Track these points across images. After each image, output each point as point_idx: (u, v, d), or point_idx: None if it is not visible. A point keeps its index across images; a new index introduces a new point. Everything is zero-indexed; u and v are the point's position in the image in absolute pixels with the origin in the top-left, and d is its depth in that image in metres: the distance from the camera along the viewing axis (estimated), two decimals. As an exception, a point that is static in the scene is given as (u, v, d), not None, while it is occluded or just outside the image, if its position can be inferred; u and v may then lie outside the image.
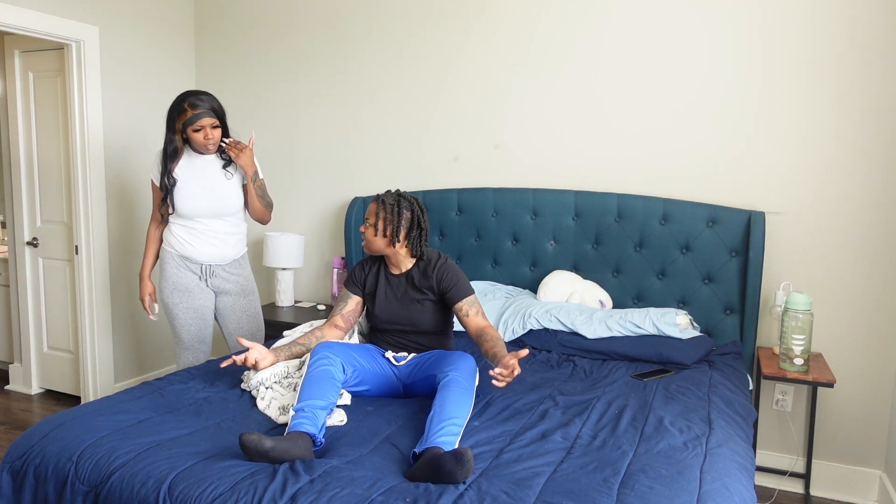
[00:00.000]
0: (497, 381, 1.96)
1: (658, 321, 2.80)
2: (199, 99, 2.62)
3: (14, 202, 3.93)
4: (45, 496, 1.77)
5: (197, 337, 2.83)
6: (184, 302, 2.79)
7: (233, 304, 2.89)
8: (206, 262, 2.79)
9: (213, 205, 2.72)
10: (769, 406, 3.02)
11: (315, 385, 1.99)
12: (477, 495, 1.56)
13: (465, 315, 2.31)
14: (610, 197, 3.12)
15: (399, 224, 2.31)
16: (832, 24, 2.78)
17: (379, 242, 2.34)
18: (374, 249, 2.37)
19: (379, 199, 2.34)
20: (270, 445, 1.69)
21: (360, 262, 2.50)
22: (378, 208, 2.33)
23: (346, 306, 2.45)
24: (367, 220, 2.35)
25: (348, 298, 2.46)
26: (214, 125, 2.65)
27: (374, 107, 3.65)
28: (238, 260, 2.88)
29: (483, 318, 2.31)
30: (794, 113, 2.87)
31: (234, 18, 3.97)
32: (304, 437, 1.78)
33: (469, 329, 2.30)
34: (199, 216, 2.72)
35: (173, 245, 2.77)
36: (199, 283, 2.81)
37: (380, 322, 2.41)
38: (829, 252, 2.87)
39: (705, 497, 1.58)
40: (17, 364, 4.10)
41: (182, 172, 2.71)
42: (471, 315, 2.30)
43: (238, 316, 2.91)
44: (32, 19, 3.21)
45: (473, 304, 2.33)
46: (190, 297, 2.79)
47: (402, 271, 2.41)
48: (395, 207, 2.31)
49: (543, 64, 3.27)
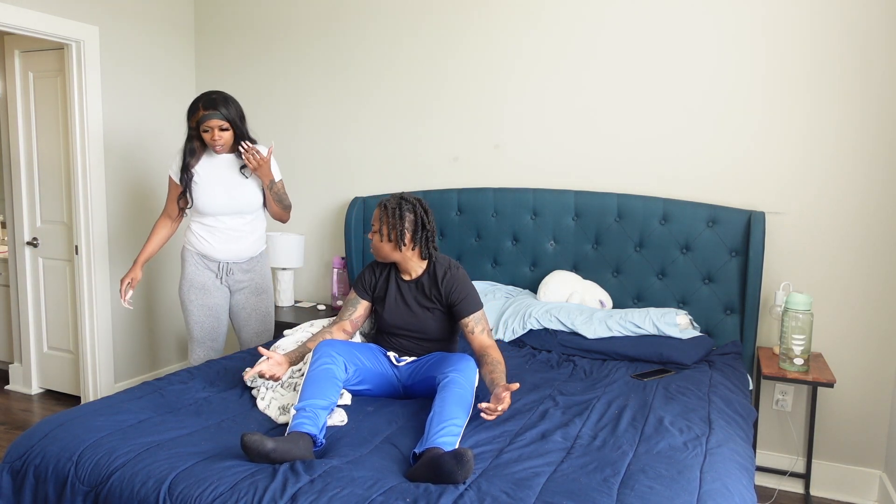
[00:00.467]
0: (486, 414, 1.93)
1: (658, 321, 2.80)
2: (211, 100, 2.66)
3: (14, 202, 3.93)
4: (45, 496, 1.77)
5: (209, 334, 2.88)
6: (199, 299, 2.84)
7: (245, 301, 2.93)
8: (224, 260, 2.84)
9: (230, 203, 2.76)
10: (769, 406, 3.02)
11: (316, 384, 1.99)
12: (477, 495, 1.56)
13: (470, 332, 2.28)
14: (610, 197, 3.12)
15: (403, 227, 2.28)
16: (832, 25, 2.78)
17: (386, 248, 2.32)
18: (383, 256, 2.34)
19: (381, 204, 2.33)
20: (272, 446, 1.69)
21: (370, 264, 2.48)
22: (381, 214, 2.31)
23: (356, 312, 2.44)
24: (373, 227, 2.34)
25: (357, 304, 2.44)
26: (223, 127, 2.68)
27: (375, 107, 3.65)
28: (255, 258, 2.93)
29: (488, 337, 2.28)
30: (794, 113, 2.87)
31: (234, 18, 3.97)
32: (304, 438, 1.78)
33: (472, 345, 2.28)
34: (216, 214, 2.78)
35: (193, 244, 2.84)
36: (215, 280, 2.86)
37: (388, 326, 2.40)
38: (829, 252, 2.87)
39: (705, 497, 1.58)
40: (17, 364, 4.10)
41: (202, 170, 2.77)
42: (476, 332, 2.27)
43: (248, 313, 2.94)
44: (32, 19, 3.21)
45: (480, 320, 2.29)
46: (205, 295, 2.85)
47: (412, 277, 2.38)
48: (397, 211, 2.28)
49: (543, 63, 3.27)
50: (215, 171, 2.77)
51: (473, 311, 2.30)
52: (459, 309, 2.30)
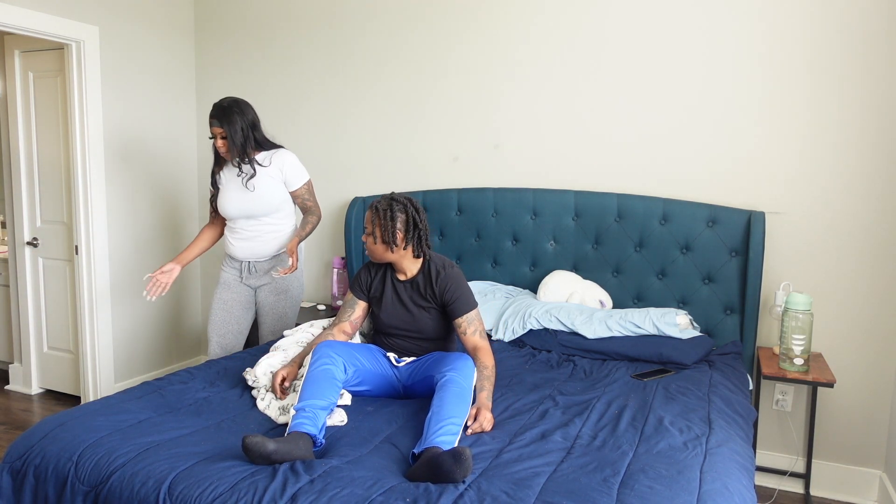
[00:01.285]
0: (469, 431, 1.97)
1: (658, 321, 2.80)
2: (216, 107, 2.77)
3: (14, 202, 3.93)
4: (45, 496, 1.77)
5: (218, 328, 2.95)
6: (218, 294, 2.97)
7: (264, 299, 2.98)
8: (244, 259, 2.92)
9: (242, 207, 2.84)
10: (769, 406, 3.02)
11: (316, 384, 1.99)
12: (477, 495, 1.56)
13: (462, 332, 2.30)
14: (610, 197, 3.12)
15: (395, 228, 2.27)
16: (832, 25, 2.78)
17: (379, 249, 2.31)
18: (378, 257, 2.34)
19: (372, 206, 2.32)
20: (273, 448, 1.69)
21: (365, 265, 2.49)
22: (373, 216, 2.30)
23: (354, 313, 2.44)
24: (365, 230, 2.34)
25: (355, 305, 2.45)
26: (223, 135, 2.76)
27: (375, 107, 3.65)
28: (279, 257, 2.96)
29: (480, 339, 2.29)
30: (794, 113, 2.87)
31: (234, 18, 3.97)
32: (304, 438, 1.79)
33: (465, 346, 2.30)
34: (232, 217, 2.88)
35: (224, 245, 3.01)
36: (236, 278, 2.96)
37: (385, 327, 2.40)
38: (829, 252, 2.87)
39: (705, 497, 1.58)
40: (17, 364, 4.10)
41: (223, 176, 2.90)
42: (468, 334, 2.29)
43: (265, 312, 2.98)
44: (32, 19, 3.21)
45: (473, 321, 2.30)
46: (224, 290, 2.97)
47: (408, 276, 2.38)
48: (388, 212, 2.27)
49: (544, 63, 3.27)
50: (231, 177, 2.87)
51: (466, 312, 2.30)
52: (452, 309, 2.30)
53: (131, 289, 3.87)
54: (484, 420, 1.98)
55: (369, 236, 2.32)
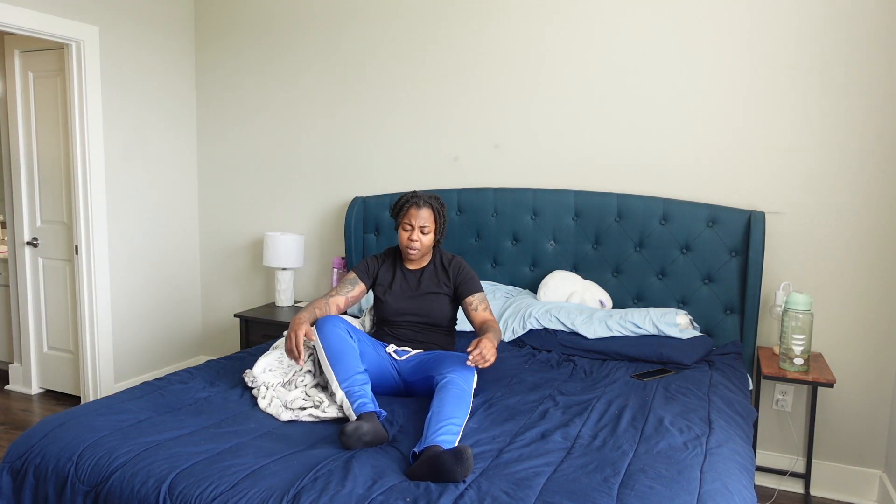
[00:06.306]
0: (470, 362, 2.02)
1: (658, 321, 2.80)
2: None
3: (14, 202, 3.93)
4: (45, 496, 1.77)
5: None
6: None
7: None
8: None
9: None
10: (769, 406, 3.02)
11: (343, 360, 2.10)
12: (477, 495, 1.56)
13: (473, 309, 2.41)
14: (610, 197, 3.12)
15: (445, 224, 2.50)
16: (832, 24, 2.78)
17: (429, 242, 2.46)
18: (425, 250, 2.47)
19: (427, 205, 2.44)
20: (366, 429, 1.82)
21: (371, 256, 2.60)
22: (433, 214, 2.46)
23: (352, 291, 2.50)
24: (423, 229, 2.43)
25: (356, 284, 2.51)
26: None
27: (375, 106, 3.65)
28: None
29: (489, 314, 2.41)
30: (794, 113, 2.87)
31: (234, 19, 3.97)
32: (373, 417, 1.91)
33: (474, 322, 2.40)
34: None
35: None
36: None
37: (392, 314, 2.47)
38: (829, 252, 2.87)
39: (705, 497, 1.58)
40: (17, 364, 4.10)
41: None
42: (479, 310, 2.41)
43: None
44: (32, 19, 3.21)
45: (483, 300, 2.44)
46: None
47: (419, 266, 2.52)
48: (442, 209, 2.49)
49: (544, 63, 3.27)
50: None
51: (477, 291, 2.45)
52: (465, 289, 2.45)
53: (131, 289, 3.87)
54: (484, 348, 2.01)
55: (430, 233, 2.44)
